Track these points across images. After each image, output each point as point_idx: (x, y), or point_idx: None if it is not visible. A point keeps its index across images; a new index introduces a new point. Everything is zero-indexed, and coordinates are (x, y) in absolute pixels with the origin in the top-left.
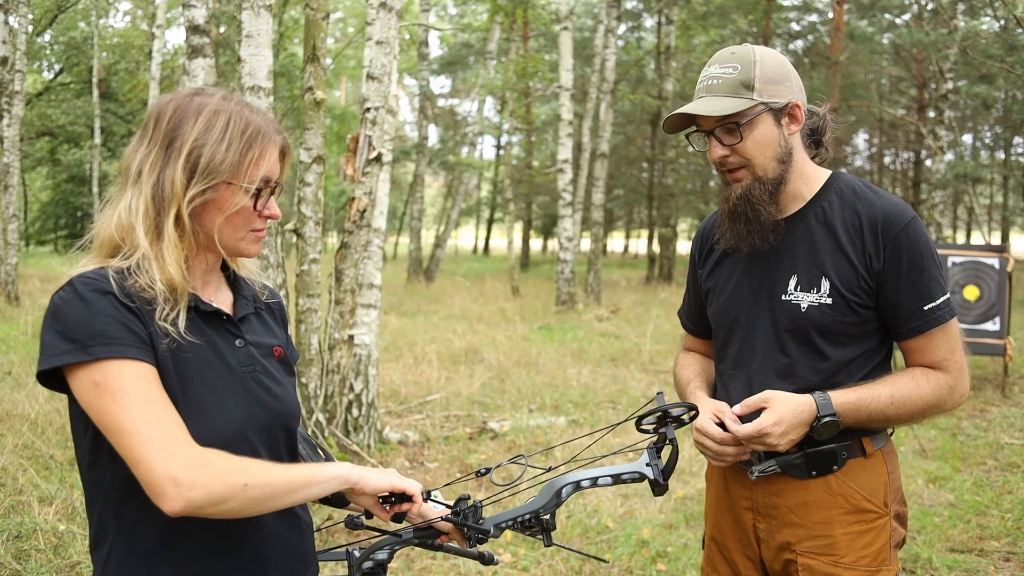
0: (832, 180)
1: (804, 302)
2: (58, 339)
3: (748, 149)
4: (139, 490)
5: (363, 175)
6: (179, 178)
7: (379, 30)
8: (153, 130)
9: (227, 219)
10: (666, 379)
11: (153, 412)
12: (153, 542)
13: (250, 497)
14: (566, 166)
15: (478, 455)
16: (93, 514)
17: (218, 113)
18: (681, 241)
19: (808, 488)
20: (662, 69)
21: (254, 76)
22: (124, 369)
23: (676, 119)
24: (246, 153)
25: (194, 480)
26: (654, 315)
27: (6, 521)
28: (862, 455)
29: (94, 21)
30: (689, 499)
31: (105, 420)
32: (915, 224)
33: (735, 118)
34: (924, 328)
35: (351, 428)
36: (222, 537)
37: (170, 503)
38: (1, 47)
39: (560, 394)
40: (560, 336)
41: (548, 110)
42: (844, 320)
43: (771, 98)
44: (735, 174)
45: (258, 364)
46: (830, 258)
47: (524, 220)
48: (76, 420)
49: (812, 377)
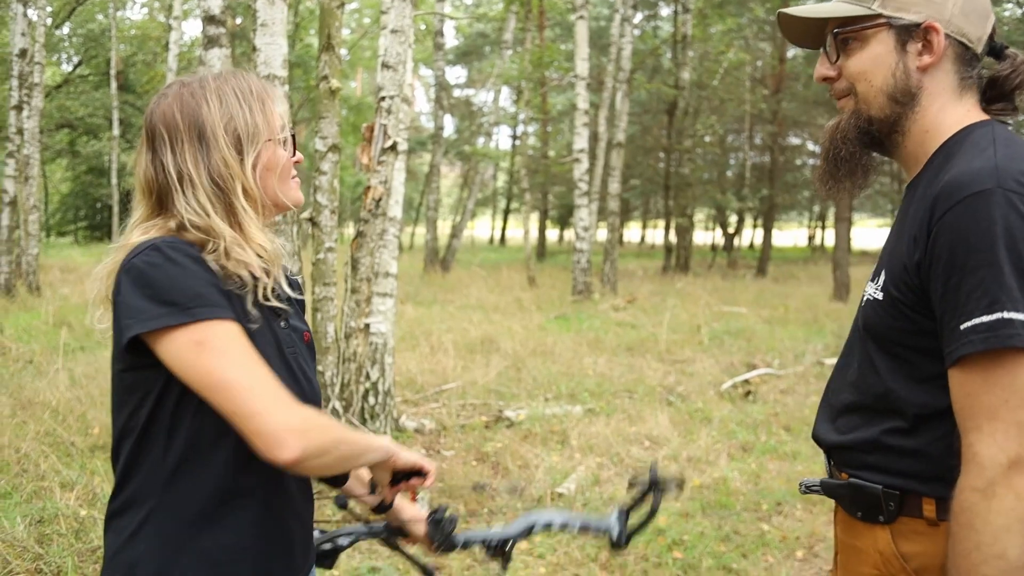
0: (957, 135)
1: (866, 294)
2: (150, 303)
3: (851, 70)
4: (191, 462)
5: (378, 164)
6: (231, 156)
7: (394, 19)
8: (170, 134)
9: (279, 176)
10: (682, 368)
11: (259, 368)
12: (197, 514)
13: (340, 455)
14: (582, 156)
15: (494, 443)
16: (128, 483)
17: (222, 88)
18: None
19: (859, 532)
20: (679, 58)
21: (269, 65)
22: (227, 328)
23: (795, 31)
24: (264, 109)
25: (306, 431)
26: (670, 305)
27: (29, 506)
28: (920, 518)
29: (112, 13)
30: (706, 488)
31: (211, 378)
32: (975, 202)
33: (839, 26)
34: (951, 358)
35: (367, 416)
36: (261, 510)
37: (288, 451)
38: (20, 39)
39: (576, 383)
40: (576, 326)
41: (564, 100)
42: (893, 325)
43: (897, 11)
44: (840, 102)
45: (298, 347)
46: (894, 240)
47: (540, 210)
48: (129, 391)
49: (866, 396)
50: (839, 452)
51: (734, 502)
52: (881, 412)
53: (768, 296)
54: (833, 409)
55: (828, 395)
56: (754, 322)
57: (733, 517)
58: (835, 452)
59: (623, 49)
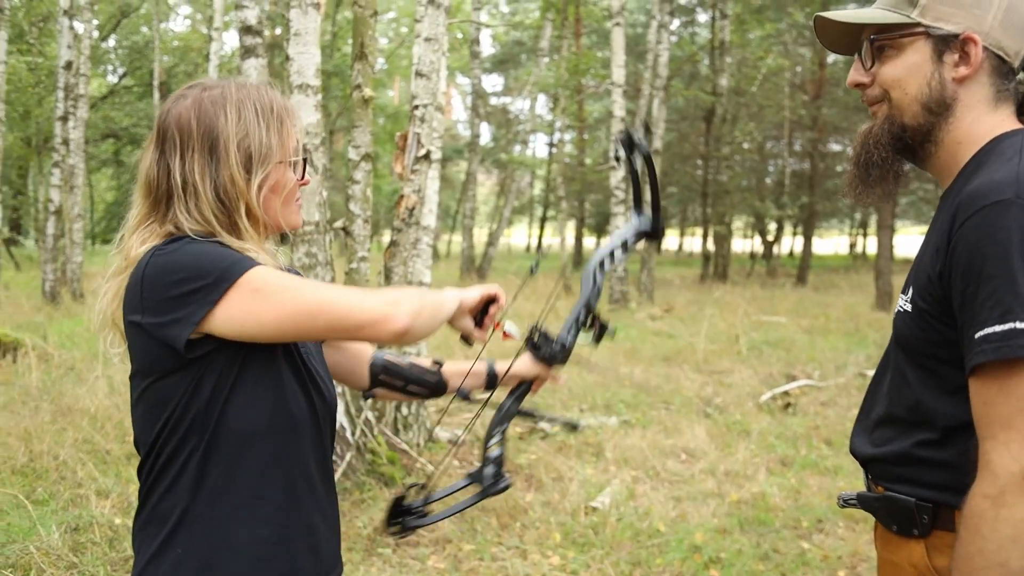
0: (988, 145)
1: (898, 306)
2: (190, 286)
3: (885, 77)
4: (225, 453)
5: (412, 173)
6: (239, 174)
7: (427, 27)
8: (181, 139)
9: (284, 199)
10: (720, 379)
11: (318, 282)
12: (233, 504)
13: (431, 311)
14: (618, 163)
15: (528, 455)
16: (155, 493)
17: (243, 101)
18: (736, 239)
19: (896, 546)
20: (716, 64)
21: (302, 74)
22: (267, 270)
23: (831, 35)
24: (281, 130)
25: (398, 301)
26: (708, 314)
27: (65, 514)
28: (953, 531)
29: (156, 25)
30: (744, 503)
31: (287, 310)
32: (992, 212)
33: (877, 33)
34: (968, 367)
35: (400, 426)
36: (290, 500)
37: (398, 321)
38: (66, 52)
39: (612, 394)
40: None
41: (601, 107)
42: (921, 336)
43: (935, 21)
44: (873, 108)
45: (309, 347)
46: (922, 251)
47: (577, 218)
48: (158, 404)
49: (899, 408)
50: (875, 465)
51: (773, 518)
52: (913, 424)
53: (808, 305)
54: (869, 421)
55: (865, 407)
56: (794, 332)
57: (772, 534)
58: (871, 465)
59: (660, 56)
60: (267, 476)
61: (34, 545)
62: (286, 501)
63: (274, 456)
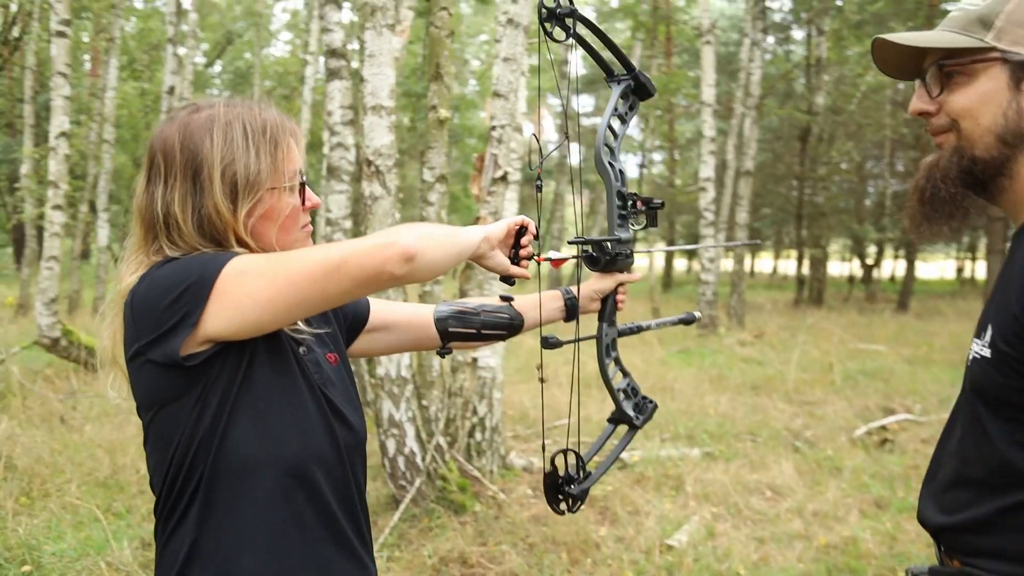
0: None
1: (972, 352)
2: (175, 295)
3: (955, 106)
4: (229, 483)
5: (488, 194)
6: (223, 204)
7: (505, 47)
8: (166, 164)
9: (281, 225)
10: (811, 410)
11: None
12: (239, 537)
13: (440, 237)
14: (708, 184)
15: (604, 486)
16: (176, 511)
17: (231, 123)
18: (833, 262)
19: None
20: (812, 82)
21: (376, 95)
22: (253, 254)
23: (891, 58)
24: (275, 153)
25: (396, 231)
26: (800, 341)
27: (140, 528)
28: None
29: (256, 51)
30: (833, 548)
31: (280, 282)
32: None
33: (945, 58)
34: None
35: (473, 452)
36: (299, 533)
37: (400, 244)
38: (170, 77)
39: (695, 423)
40: (699, 361)
41: (692, 127)
42: (1006, 384)
43: (1013, 45)
44: (939, 138)
45: (325, 374)
46: (1001, 291)
47: (666, 239)
48: (164, 436)
49: (976, 468)
50: (948, 535)
51: (865, 566)
52: (996, 487)
53: (910, 333)
54: (938, 484)
55: (932, 468)
56: (893, 361)
57: None
58: (943, 535)
59: (752, 74)
60: (273, 508)
61: (105, 560)
62: (295, 534)
63: (281, 487)
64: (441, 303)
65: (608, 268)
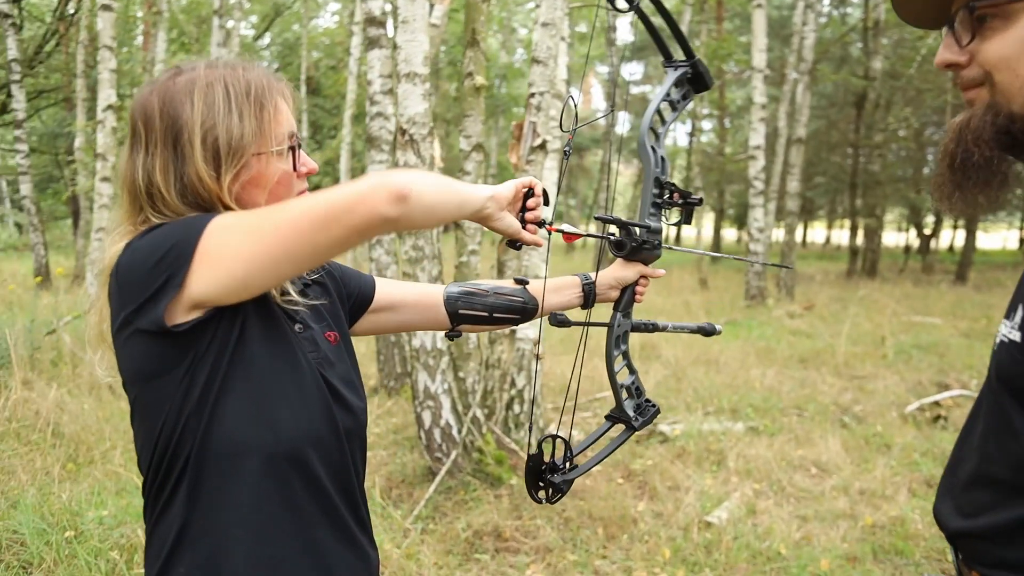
0: None
1: (999, 334)
2: (159, 256)
3: (989, 55)
4: (218, 463)
5: (527, 163)
6: (205, 171)
7: (545, 11)
8: (146, 131)
9: (271, 192)
10: (861, 385)
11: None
12: (229, 520)
13: (435, 183)
14: (758, 153)
15: (644, 460)
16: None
17: (212, 85)
18: (889, 232)
19: None
20: (869, 46)
21: (410, 63)
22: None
23: (914, 3)
24: (261, 115)
25: (386, 175)
26: (852, 313)
27: None
28: None
29: (304, 22)
30: (880, 528)
31: (278, 220)
32: None
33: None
34: None
35: (511, 425)
36: (293, 517)
37: (391, 185)
38: (216, 50)
39: (740, 397)
40: (746, 333)
41: (743, 94)
42: None
43: None
44: (969, 93)
45: (321, 352)
46: None
47: (716, 209)
48: (150, 414)
49: (999, 467)
50: (966, 542)
51: (913, 548)
52: (1022, 489)
53: (967, 306)
54: (957, 481)
55: (952, 461)
56: (949, 335)
57: (911, 567)
58: (960, 542)
59: (806, 38)
60: (265, 492)
61: (142, 528)
62: (288, 520)
63: (274, 470)
64: (452, 284)
65: (633, 256)
